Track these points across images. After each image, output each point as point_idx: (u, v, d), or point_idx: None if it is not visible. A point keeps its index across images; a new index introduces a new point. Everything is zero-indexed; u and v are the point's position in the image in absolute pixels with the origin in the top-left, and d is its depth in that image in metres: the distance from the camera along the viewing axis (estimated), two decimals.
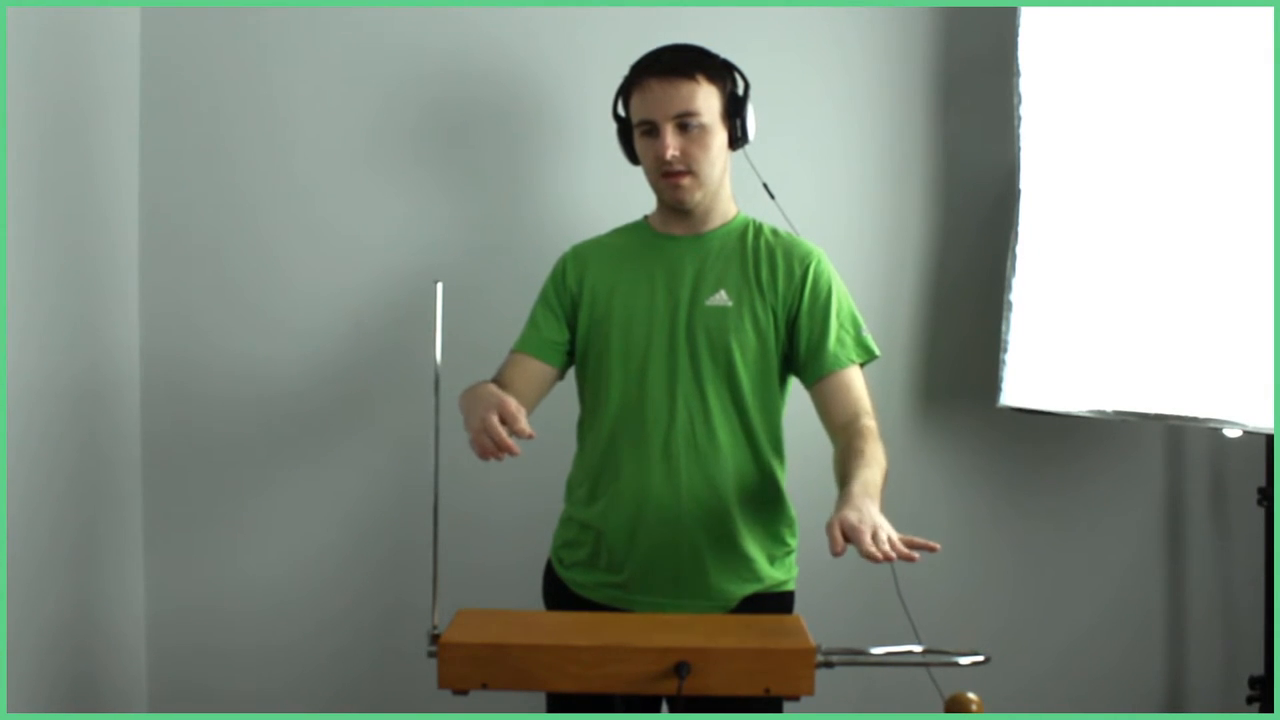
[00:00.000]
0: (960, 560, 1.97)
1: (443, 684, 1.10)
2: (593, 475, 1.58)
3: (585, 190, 1.98)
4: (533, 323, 1.63)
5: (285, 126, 1.98)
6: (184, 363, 1.98)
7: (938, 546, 1.19)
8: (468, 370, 1.55)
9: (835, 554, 1.16)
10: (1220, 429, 1.80)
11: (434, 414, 1.20)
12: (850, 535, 1.17)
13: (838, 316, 1.53)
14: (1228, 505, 2.09)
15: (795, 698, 1.08)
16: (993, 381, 1.91)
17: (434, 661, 1.10)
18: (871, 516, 1.21)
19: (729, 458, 1.52)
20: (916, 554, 1.15)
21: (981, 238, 2.02)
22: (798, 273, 1.54)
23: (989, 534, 2.06)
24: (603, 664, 1.08)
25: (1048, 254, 1.85)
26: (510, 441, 1.29)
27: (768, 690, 1.08)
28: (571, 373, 1.64)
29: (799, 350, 1.54)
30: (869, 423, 1.47)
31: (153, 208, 1.97)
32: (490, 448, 1.30)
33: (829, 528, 1.19)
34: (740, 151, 1.62)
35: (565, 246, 1.67)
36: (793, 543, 1.60)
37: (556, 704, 1.56)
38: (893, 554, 1.14)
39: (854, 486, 1.30)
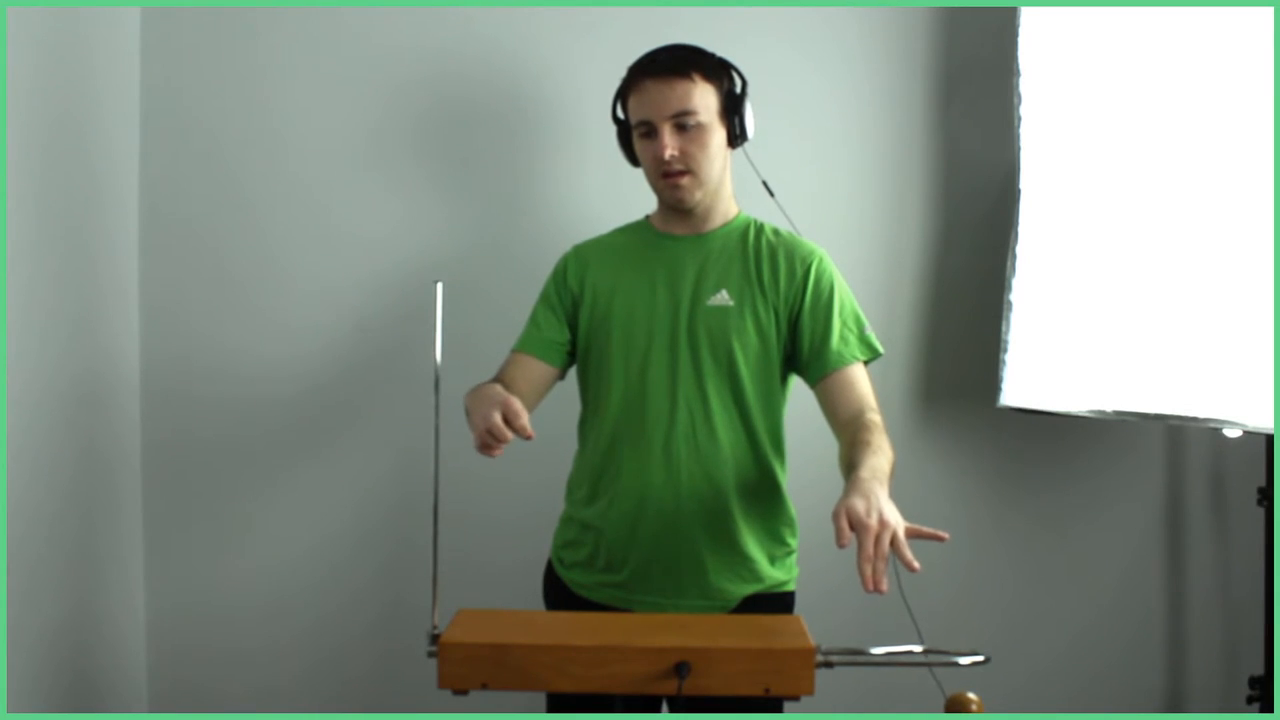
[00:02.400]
0: (960, 560, 1.97)
1: (443, 684, 1.09)
2: (593, 475, 1.57)
3: (585, 190, 1.98)
4: (534, 322, 1.63)
5: (285, 126, 1.98)
6: (184, 363, 1.98)
7: (946, 536, 1.19)
8: (468, 370, 1.56)
9: (840, 546, 1.13)
10: (1220, 429, 1.80)
11: (434, 414, 1.20)
12: (856, 529, 1.14)
13: (840, 315, 1.53)
14: (1228, 505, 2.09)
15: (795, 698, 1.08)
16: (993, 381, 1.91)
17: (434, 661, 1.10)
18: (879, 504, 1.17)
19: (730, 457, 1.52)
20: (918, 564, 1.13)
21: (981, 238, 2.02)
22: (799, 272, 1.54)
23: (989, 534, 2.06)
24: (603, 664, 1.08)
25: (1048, 254, 1.85)
26: (507, 432, 1.29)
27: (768, 690, 1.08)
28: (572, 372, 1.64)
29: (802, 349, 1.53)
30: (874, 417, 1.45)
31: (152, 207, 1.97)
32: (492, 444, 1.31)
33: (835, 516, 1.16)
34: (740, 151, 1.62)
35: (565, 246, 1.67)
36: (793, 543, 1.60)
37: (556, 704, 1.56)
38: (884, 586, 1.10)
39: (862, 471, 1.27)
